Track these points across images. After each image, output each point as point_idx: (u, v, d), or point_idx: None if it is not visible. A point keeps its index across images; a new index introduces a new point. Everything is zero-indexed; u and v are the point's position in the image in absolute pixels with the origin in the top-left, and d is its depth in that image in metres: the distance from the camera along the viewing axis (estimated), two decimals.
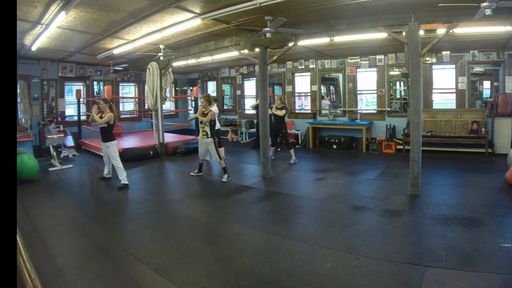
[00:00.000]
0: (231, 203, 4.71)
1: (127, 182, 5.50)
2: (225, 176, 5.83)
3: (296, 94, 10.45)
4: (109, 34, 6.25)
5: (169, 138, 9.35)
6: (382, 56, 8.50)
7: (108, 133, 5.49)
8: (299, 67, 10.00)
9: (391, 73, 8.58)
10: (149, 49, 7.82)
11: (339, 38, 6.05)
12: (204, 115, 5.78)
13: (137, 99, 12.12)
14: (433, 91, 8.18)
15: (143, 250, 3.20)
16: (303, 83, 10.29)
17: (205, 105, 5.80)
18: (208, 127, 5.77)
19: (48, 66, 9.41)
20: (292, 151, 7.15)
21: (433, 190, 4.86)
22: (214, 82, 12.55)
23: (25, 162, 5.78)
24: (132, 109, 12.48)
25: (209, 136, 5.78)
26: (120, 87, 11.69)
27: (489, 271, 2.57)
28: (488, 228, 3.42)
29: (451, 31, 4.57)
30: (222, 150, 6.86)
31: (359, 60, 8.87)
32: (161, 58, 7.74)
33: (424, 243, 3.15)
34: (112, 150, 5.50)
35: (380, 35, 5.38)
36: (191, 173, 6.30)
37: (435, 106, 8.20)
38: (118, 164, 5.48)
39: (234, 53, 7.58)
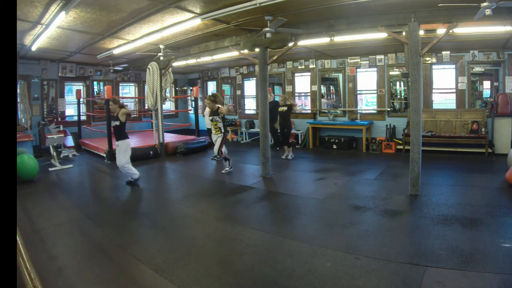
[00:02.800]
0: (231, 203, 4.71)
1: (135, 178, 5.50)
2: (227, 163, 6.08)
3: (296, 94, 10.44)
4: (109, 34, 6.25)
5: (169, 138, 9.36)
6: (382, 56, 8.50)
7: (120, 131, 5.39)
8: (299, 67, 10.00)
9: (391, 73, 8.58)
10: (149, 49, 7.82)
11: (339, 38, 6.04)
12: (215, 113, 6.00)
13: (137, 99, 12.11)
14: (433, 91, 8.18)
15: (143, 250, 3.20)
16: (303, 83, 10.29)
17: (211, 105, 6.01)
18: (220, 122, 6.04)
19: (48, 66, 9.41)
20: (290, 148, 7.30)
21: (433, 190, 4.86)
22: (214, 82, 12.55)
23: (25, 162, 5.78)
24: (132, 109, 12.47)
25: (222, 131, 6.05)
26: (120, 87, 11.69)
27: (489, 271, 2.57)
28: (488, 228, 3.42)
29: (451, 31, 4.57)
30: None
31: (359, 60, 8.87)
32: (161, 58, 7.74)
33: (424, 243, 3.15)
34: (121, 149, 5.38)
35: (380, 35, 5.38)
36: (223, 171, 6.36)
37: (435, 106, 8.19)
38: (123, 162, 5.43)
39: (234, 53, 7.58)
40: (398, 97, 8.78)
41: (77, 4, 4.37)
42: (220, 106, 6.12)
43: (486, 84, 7.77)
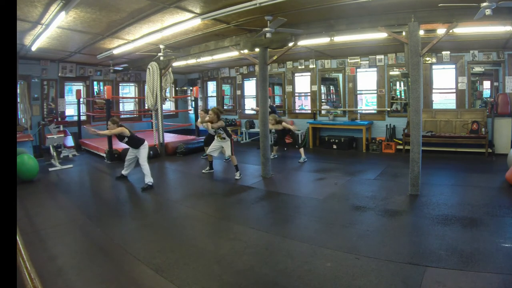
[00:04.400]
0: (231, 203, 4.71)
1: (152, 183, 5.48)
2: (237, 173, 5.97)
3: (296, 94, 10.45)
4: (109, 34, 6.25)
5: (169, 138, 9.36)
6: (382, 56, 8.50)
7: (135, 142, 5.61)
8: (299, 67, 10.00)
9: (391, 73, 8.58)
10: (149, 49, 7.82)
11: (339, 38, 6.04)
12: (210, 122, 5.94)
13: (137, 99, 12.11)
14: (433, 91, 8.18)
15: (143, 250, 3.20)
16: (303, 83, 10.29)
17: (213, 118, 5.86)
18: (223, 133, 6.00)
19: (48, 66, 9.40)
20: (301, 150, 7.29)
21: (433, 190, 4.86)
22: (214, 82, 12.55)
23: (25, 162, 5.78)
24: (132, 109, 12.47)
25: (227, 139, 6.01)
26: (120, 87, 11.68)
27: (489, 271, 2.57)
28: (488, 228, 3.42)
29: (451, 31, 4.57)
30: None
31: (359, 60, 8.87)
32: (161, 58, 7.74)
33: (424, 243, 3.15)
34: (142, 152, 5.59)
35: (380, 35, 5.37)
36: (203, 171, 6.39)
37: (435, 106, 8.19)
38: (145, 165, 5.52)
39: (234, 53, 7.58)
40: (398, 97, 8.77)
41: (77, 4, 4.37)
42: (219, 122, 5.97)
43: (486, 84, 7.77)
